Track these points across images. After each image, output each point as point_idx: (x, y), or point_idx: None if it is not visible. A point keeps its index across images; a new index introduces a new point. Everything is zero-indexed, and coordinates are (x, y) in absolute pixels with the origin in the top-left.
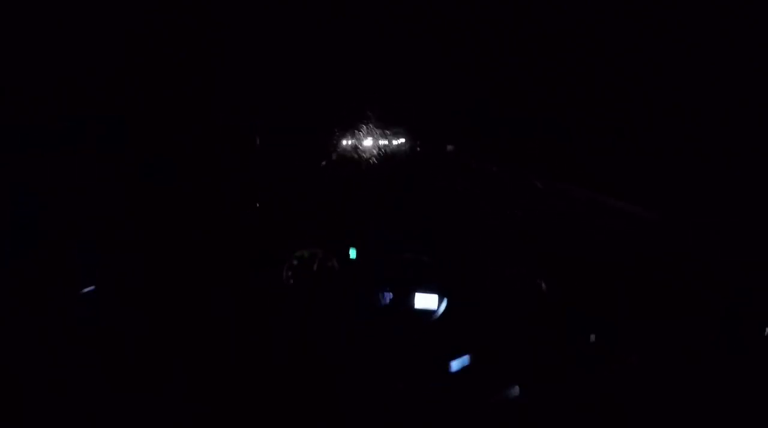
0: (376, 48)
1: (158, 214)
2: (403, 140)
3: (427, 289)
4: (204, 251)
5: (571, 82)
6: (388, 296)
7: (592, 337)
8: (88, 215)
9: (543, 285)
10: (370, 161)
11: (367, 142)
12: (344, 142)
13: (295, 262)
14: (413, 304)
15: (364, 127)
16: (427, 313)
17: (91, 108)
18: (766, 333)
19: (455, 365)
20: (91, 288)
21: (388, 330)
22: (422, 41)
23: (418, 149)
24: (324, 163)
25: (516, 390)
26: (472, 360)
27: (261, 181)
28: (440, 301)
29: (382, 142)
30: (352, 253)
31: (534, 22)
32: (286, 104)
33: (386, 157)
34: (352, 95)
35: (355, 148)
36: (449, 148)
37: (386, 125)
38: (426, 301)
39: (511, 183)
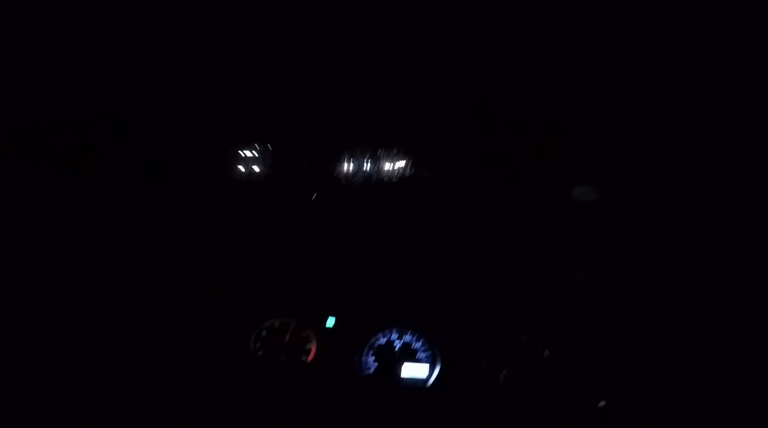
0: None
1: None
2: (403, 166)
3: (417, 358)
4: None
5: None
6: (372, 365)
7: (602, 403)
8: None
9: (546, 352)
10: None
11: (360, 174)
12: (331, 172)
13: (263, 333)
14: (399, 374)
15: (360, 152)
16: (415, 383)
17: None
18: None
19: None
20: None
21: (371, 404)
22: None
23: (421, 180)
24: (313, 197)
25: None
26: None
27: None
28: (431, 370)
29: (378, 169)
30: (330, 322)
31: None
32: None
33: (379, 196)
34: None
35: (343, 181)
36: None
37: (384, 149)
38: (414, 370)
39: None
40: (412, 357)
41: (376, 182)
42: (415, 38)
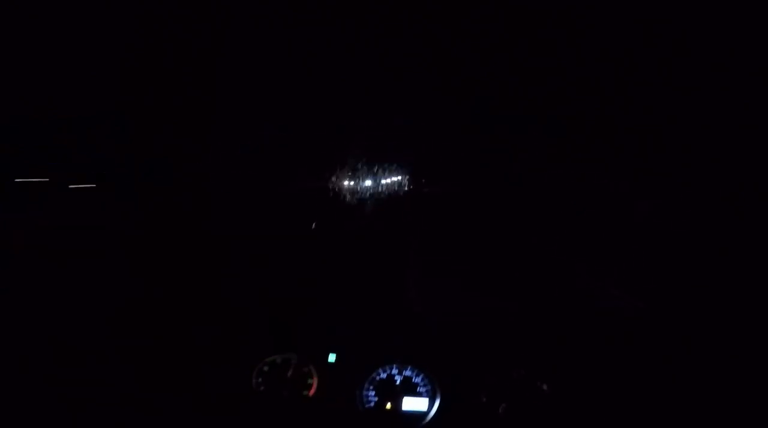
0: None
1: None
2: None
3: (417, 392)
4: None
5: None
6: (373, 399)
7: None
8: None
9: (545, 386)
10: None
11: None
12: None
13: (265, 368)
14: (400, 407)
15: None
16: (416, 417)
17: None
18: None
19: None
20: None
21: None
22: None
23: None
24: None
25: None
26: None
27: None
28: (431, 404)
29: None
30: (331, 358)
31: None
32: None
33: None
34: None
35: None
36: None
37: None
38: (415, 404)
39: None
40: (413, 392)
41: (377, 213)
42: (416, 47)
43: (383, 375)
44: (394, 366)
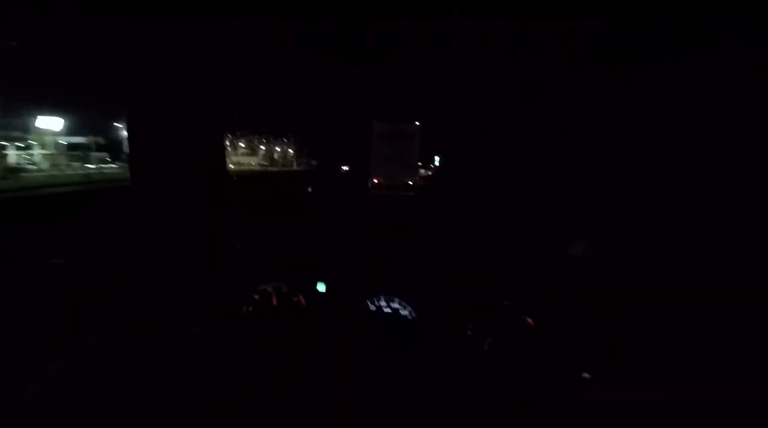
0: None
1: None
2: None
3: (404, 324)
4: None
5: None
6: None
7: (586, 375)
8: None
9: (531, 322)
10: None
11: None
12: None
13: (256, 297)
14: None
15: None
16: (402, 348)
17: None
18: None
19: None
20: None
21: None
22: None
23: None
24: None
25: None
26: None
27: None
28: (418, 337)
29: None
30: (321, 287)
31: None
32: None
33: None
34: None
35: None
36: None
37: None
38: (402, 336)
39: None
40: (400, 323)
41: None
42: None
43: (372, 307)
44: (382, 297)
